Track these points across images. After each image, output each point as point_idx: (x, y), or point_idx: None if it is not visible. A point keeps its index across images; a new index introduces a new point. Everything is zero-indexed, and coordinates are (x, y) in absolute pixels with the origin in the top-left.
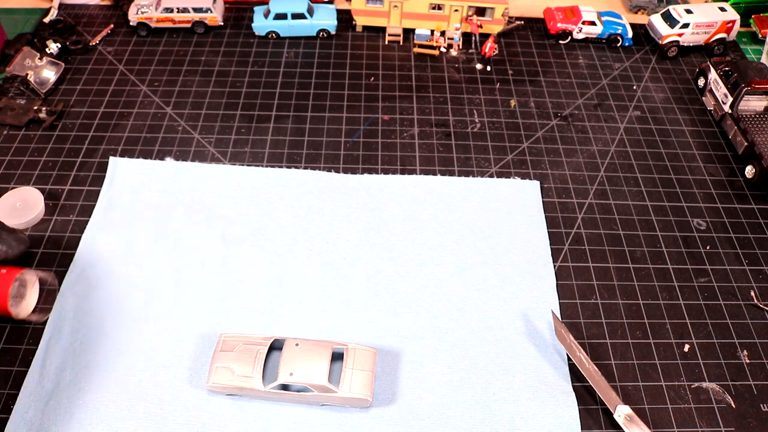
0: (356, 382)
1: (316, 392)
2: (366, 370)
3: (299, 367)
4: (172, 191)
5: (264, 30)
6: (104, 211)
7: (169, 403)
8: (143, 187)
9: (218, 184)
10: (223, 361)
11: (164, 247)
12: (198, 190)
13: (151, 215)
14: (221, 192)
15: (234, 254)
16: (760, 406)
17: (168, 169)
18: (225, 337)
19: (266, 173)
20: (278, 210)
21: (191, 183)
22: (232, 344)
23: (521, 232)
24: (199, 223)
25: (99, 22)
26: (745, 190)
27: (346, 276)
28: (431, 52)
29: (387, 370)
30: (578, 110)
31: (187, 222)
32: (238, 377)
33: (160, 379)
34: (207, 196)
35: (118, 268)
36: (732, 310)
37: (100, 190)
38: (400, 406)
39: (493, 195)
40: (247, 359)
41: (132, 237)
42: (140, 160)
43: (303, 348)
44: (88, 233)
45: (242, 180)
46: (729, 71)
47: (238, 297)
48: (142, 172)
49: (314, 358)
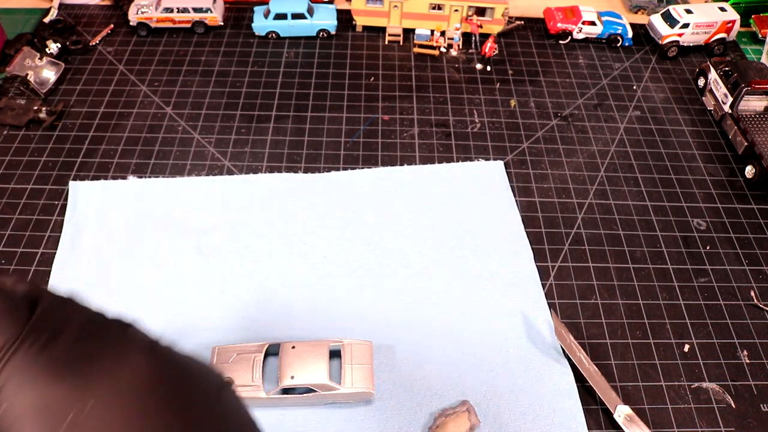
0: (357, 377)
1: (319, 392)
2: (365, 363)
3: (299, 369)
4: (139, 210)
5: (264, 30)
6: (71, 239)
7: None
8: (109, 209)
9: (186, 196)
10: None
11: (139, 267)
12: (166, 205)
13: (120, 237)
14: (190, 204)
15: (213, 265)
16: (760, 406)
17: (132, 187)
18: (219, 349)
19: (232, 181)
20: (250, 217)
21: (158, 199)
22: (227, 355)
23: (492, 211)
24: (172, 238)
25: (99, 22)
26: (745, 190)
27: (329, 274)
28: (431, 52)
29: (384, 361)
30: (578, 110)
31: (159, 239)
32: (239, 388)
33: None
34: (176, 210)
35: (92, 294)
36: (732, 310)
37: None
38: (402, 394)
39: (459, 178)
40: (245, 368)
41: (103, 261)
42: (101, 182)
43: (300, 350)
44: (56, 266)
45: (209, 190)
46: (729, 71)
47: (223, 308)
48: (105, 194)
49: (312, 358)
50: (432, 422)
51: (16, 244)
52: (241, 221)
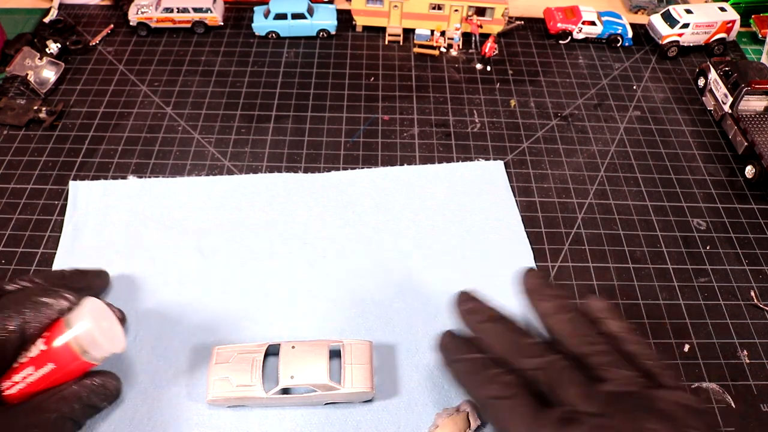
0: (357, 376)
1: (319, 392)
2: (364, 362)
3: (299, 369)
4: (139, 210)
5: (264, 30)
6: (71, 239)
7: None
8: (109, 209)
9: (186, 196)
10: (221, 373)
11: (139, 267)
12: (166, 205)
13: (121, 237)
14: (190, 204)
15: (213, 265)
16: (760, 406)
17: (132, 187)
18: (218, 350)
19: (232, 181)
20: (251, 216)
21: (158, 198)
22: (227, 355)
23: (493, 211)
24: (173, 238)
25: (99, 22)
26: (745, 190)
27: (328, 274)
28: (431, 52)
29: (384, 361)
30: (578, 110)
31: (159, 239)
32: (238, 387)
33: (157, 399)
34: (176, 209)
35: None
36: (732, 310)
37: (64, 219)
38: (402, 394)
39: (460, 178)
40: (244, 368)
41: (103, 261)
42: (101, 182)
43: (300, 350)
44: (56, 266)
45: (210, 190)
46: (729, 71)
47: (224, 308)
48: (105, 194)
49: (312, 358)
50: (432, 422)
51: (16, 244)
52: (242, 221)
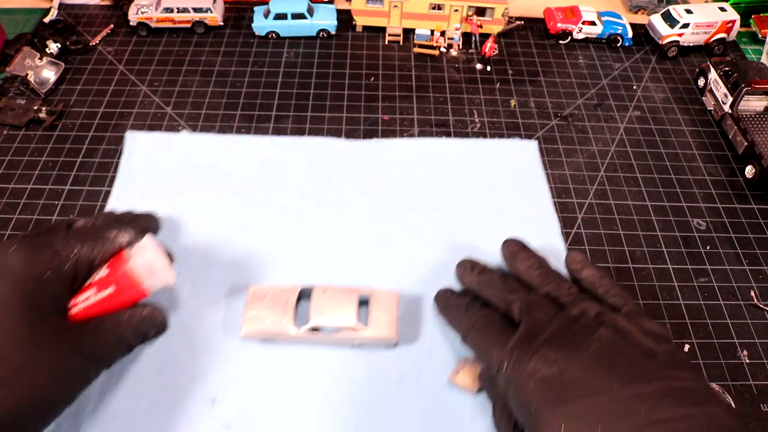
0: (382, 322)
1: (345, 333)
2: (390, 310)
3: (328, 311)
4: (187, 162)
5: (264, 30)
6: (124, 183)
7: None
8: (161, 158)
9: (230, 153)
10: (255, 311)
11: (185, 211)
12: (212, 159)
13: (169, 184)
14: (234, 161)
15: (254, 213)
16: (760, 406)
17: (182, 140)
18: (254, 289)
19: (273, 141)
20: (293, 175)
21: (204, 153)
22: (262, 294)
23: (521, 191)
24: (217, 187)
25: (99, 22)
26: (745, 190)
27: (362, 232)
28: (431, 52)
29: (409, 312)
30: (578, 110)
31: (205, 188)
32: (271, 323)
33: (195, 332)
34: (221, 165)
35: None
36: (732, 310)
37: (119, 163)
38: (424, 343)
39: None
40: (277, 307)
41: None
42: (156, 133)
43: (331, 294)
44: (110, 205)
45: (253, 148)
46: (729, 71)
47: (262, 251)
48: (158, 144)
49: (342, 302)
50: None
51: None
52: (284, 178)
